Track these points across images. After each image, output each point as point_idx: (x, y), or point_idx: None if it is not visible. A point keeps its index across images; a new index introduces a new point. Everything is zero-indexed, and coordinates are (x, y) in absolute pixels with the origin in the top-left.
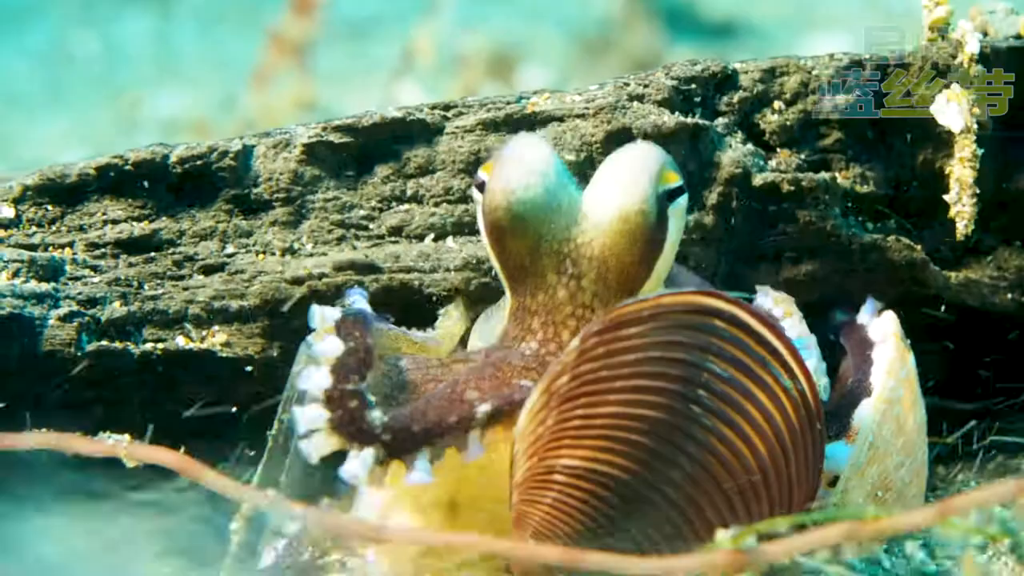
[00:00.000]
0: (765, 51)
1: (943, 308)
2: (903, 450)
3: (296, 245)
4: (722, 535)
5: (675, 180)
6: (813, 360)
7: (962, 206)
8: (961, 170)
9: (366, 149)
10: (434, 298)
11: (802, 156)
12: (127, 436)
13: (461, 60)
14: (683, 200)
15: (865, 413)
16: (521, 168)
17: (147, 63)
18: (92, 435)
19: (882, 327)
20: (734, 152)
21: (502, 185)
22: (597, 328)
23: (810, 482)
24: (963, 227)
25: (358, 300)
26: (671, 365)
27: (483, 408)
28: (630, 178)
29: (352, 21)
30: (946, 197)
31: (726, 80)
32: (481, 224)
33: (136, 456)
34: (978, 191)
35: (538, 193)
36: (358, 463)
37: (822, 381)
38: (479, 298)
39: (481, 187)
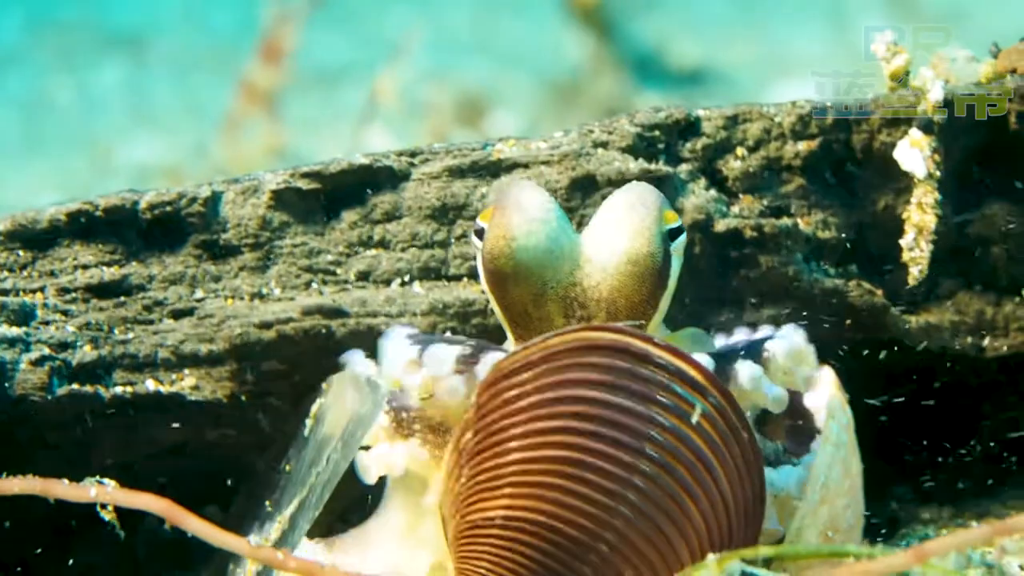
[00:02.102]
0: (732, 98)
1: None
2: (849, 492)
3: (264, 290)
4: (711, 558)
5: (675, 220)
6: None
7: (919, 251)
8: (921, 216)
9: (333, 195)
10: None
11: (764, 202)
12: (113, 482)
13: (429, 106)
14: (683, 238)
15: (816, 456)
16: (522, 215)
17: (121, 111)
18: (66, 478)
19: (821, 380)
20: (697, 198)
21: (503, 232)
22: (490, 380)
23: (747, 492)
24: (917, 272)
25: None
26: (566, 403)
27: None
28: (635, 221)
29: (321, 69)
30: (901, 242)
31: (689, 127)
32: (481, 271)
33: (122, 502)
34: (935, 237)
35: (540, 240)
36: None
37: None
38: None
39: (480, 234)
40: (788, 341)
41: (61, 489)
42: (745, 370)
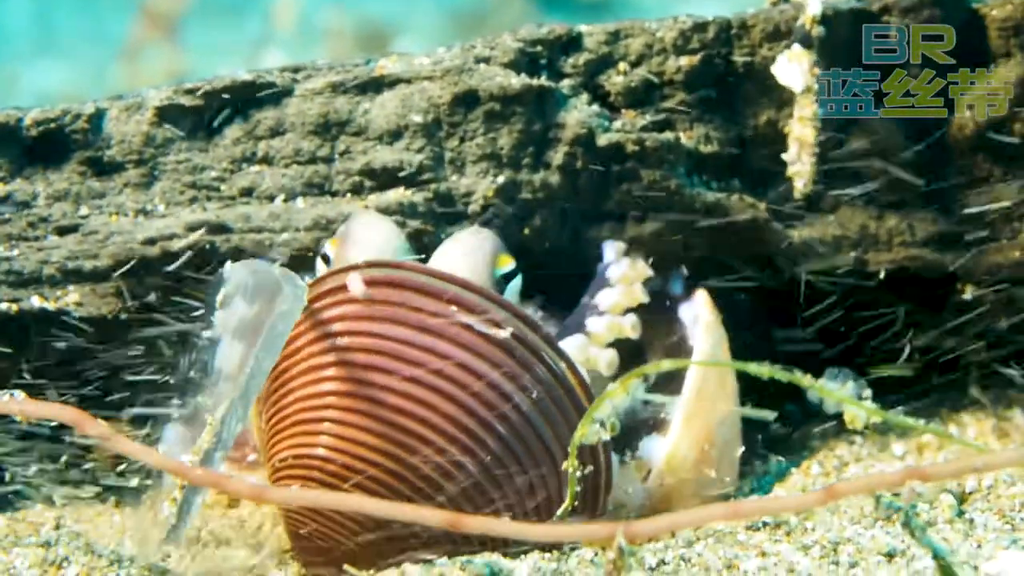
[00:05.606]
0: None
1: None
2: (724, 408)
3: (149, 206)
4: (612, 386)
5: (508, 263)
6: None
7: (801, 165)
8: (801, 129)
9: (217, 111)
10: (283, 258)
11: (647, 117)
12: (22, 393)
13: (330, 35)
14: (517, 282)
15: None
16: (366, 248)
17: (25, 39)
18: None
19: (696, 301)
20: (579, 113)
21: (347, 261)
22: None
23: (566, 417)
24: (801, 186)
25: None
26: (340, 337)
27: None
28: (468, 264)
29: None
30: (784, 156)
31: (571, 42)
32: None
33: (31, 413)
34: (818, 150)
35: None
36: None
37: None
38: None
39: (326, 260)
40: (606, 317)
41: None
42: (573, 343)
